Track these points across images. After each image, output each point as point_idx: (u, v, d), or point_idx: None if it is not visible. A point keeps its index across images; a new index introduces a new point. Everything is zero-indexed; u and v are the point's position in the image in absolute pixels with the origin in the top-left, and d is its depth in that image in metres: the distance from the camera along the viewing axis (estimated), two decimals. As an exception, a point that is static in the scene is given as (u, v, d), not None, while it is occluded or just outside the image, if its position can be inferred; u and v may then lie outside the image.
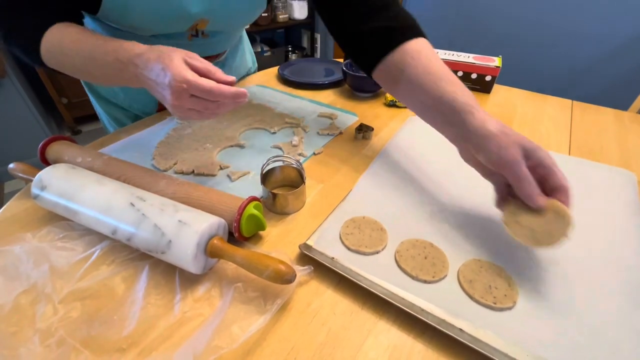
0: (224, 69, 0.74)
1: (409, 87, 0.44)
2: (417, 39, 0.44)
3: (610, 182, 0.47)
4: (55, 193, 0.38)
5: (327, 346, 0.29)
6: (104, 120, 0.74)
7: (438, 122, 0.43)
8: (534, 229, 0.33)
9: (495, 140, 0.35)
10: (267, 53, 2.38)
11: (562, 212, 0.32)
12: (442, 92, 0.40)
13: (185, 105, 0.37)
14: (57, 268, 0.35)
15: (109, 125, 0.73)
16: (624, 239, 0.39)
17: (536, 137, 0.60)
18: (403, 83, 0.44)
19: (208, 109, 0.38)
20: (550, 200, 0.33)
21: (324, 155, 0.54)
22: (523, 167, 0.33)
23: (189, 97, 0.36)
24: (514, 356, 0.27)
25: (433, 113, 0.43)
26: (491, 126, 0.36)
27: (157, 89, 0.37)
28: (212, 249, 0.33)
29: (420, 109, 0.44)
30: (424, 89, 0.42)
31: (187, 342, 0.28)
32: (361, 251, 0.36)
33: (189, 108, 0.37)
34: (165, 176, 0.42)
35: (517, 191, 0.34)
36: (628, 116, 0.67)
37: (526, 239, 0.33)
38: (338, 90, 0.77)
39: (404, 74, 0.43)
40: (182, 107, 0.37)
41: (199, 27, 0.56)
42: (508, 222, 0.35)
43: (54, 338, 0.29)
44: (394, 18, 0.45)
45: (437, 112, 0.41)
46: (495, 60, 0.74)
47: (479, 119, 0.37)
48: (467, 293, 0.32)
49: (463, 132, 0.38)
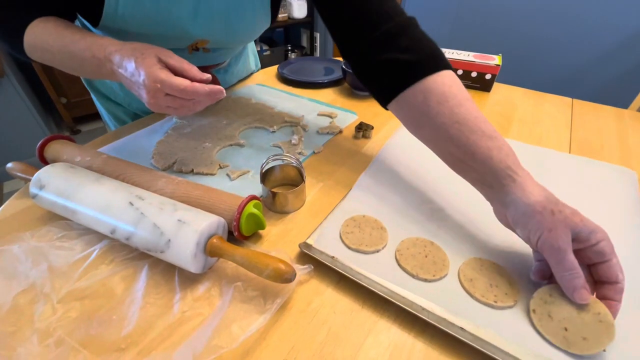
0: (226, 74, 0.73)
1: (434, 135, 0.38)
2: (442, 72, 0.38)
3: (611, 181, 0.47)
4: (53, 192, 0.37)
5: (327, 345, 0.29)
6: (105, 118, 0.74)
7: (471, 179, 0.37)
8: (566, 328, 0.28)
9: (537, 219, 0.30)
10: (267, 52, 2.37)
11: (606, 318, 0.27)
12: (474, 147, 0.34)
13: (161, 103, 0.37)
14: (56, 267, 0.34)
15: (110, 123, 0.73)
16: (624, 237, 0.39)
17: (536, 136, 0.59)
18: (427, 129, 0.39)
19: (184, 106, 0.38)
20: (595, 300, 0.29)
21: (324, 154, 0.54)
22: (568, 256, 0.28)
23: (164, 95, 0.36)
24: (515, 354, 0.27)
25: (465, 168, 0.36)
26: (534, 198, 0.31)
27: (133, 87, 0.38)
28: (212, 248, 0.33)
29: (451, 161, 0.38)
30: (453, 141, 0.35)
31: (186, 342, 0.28)
32: (361, 250, 0.36)
33: (165, 106, 0.37)
34: (164, 175, 0.42)
35: (558, 279, 0.29)
36: (628, 114, 0.67)
37: (555, 337, 0.28)
38: (338, 89, 0.77)
39: (429, 119, 0.37)
40: (158, 105, 0.37)
41: (199, 45, 0.55)
42: (537, 311, 0.30)
43: (53, 338, 0.29)
44: (412, 46, 0.39)
45: (469, 168, 0.36)
46: (495, 59, 0.74)
47: (519, 188, 0.32)
48: (468, 292, 0.32)
49: (500, 197, 0.34)
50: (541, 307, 0.30)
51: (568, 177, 0.48)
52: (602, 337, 0.26)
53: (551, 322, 0.29)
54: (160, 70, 0.35)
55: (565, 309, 0.29)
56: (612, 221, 0.41)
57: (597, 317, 0.28)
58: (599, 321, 0.27)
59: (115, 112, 0.70)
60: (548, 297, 0.30)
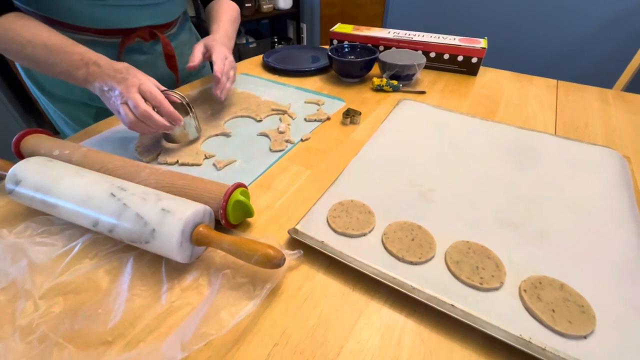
0: (177, 43, 0.70)
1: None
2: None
3: (595, 160, 0.48)
4: (30, 187, 0.36)
5: (319, 328, 0.29)
6: (59, 124, 0.69)
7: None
8: (554, 310, 0.29)
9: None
10: (253, 44, 2.33)
11: (588, 311, 0.29)
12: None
13: (134, 96, 0.44)
14: (37, 264, 0.33)
15: (66, 128, 0.69)
16: (609, 214, 0.39)
17: (523, 117, 0.60)
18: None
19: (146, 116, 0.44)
20: (579, 294, 0.30)
21: (312, 141, 0.54)
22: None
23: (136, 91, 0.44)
24: (506, 329, 0.27)
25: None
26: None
27: (114, 79, 0.45)
28: (198, 236, 0.32)
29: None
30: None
31: (175, 331, 0.27)
32: (348, 233, 0.36)
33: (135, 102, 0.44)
34: (147, 166, 0.40)
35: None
36: (612, 94, 0.68)
37: (543, 314, 0.29)
38: (324, 76, 0.76)
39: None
40: (129, 97, 0.44)
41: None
42: (528, 292, 0.30)
43: (36, 334, 0.28)
44: None
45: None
46: (481, 42, 0.74)
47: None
48: (454, 274, 0.32)
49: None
50: (531, 289, 0.31)
51: (555, 159, 0.48)
52: (585, 325, 0.28)
53: (540, 303, 0.30)
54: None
55: (553, 295, 0.30)
56: (597, 199, 0.41)
57: (581, 308, 0.29)
58: (582, 312, 0.29)
59: (74, 113, 0.66)
60: (538, 283, 0.31)
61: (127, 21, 0.57)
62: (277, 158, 0.50)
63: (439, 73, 0.77)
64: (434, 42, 0.75)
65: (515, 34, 1.72)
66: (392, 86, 0.68)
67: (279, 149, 0.51)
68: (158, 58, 0.65)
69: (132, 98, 0.43)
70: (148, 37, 0.62)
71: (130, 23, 0.58)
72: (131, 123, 0.44)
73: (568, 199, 0.41)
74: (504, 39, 1.75)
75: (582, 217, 0.39)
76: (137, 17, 0.58)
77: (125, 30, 0.59)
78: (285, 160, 0.49)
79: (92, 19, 0.54)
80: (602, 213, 0.39)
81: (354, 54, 0.76)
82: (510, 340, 0.27)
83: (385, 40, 0.79)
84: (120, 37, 0.59)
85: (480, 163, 0.47)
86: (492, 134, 0.53)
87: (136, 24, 0.59)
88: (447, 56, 0.75)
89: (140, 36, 0.60)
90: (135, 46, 0.62)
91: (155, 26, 0.62)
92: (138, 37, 0.60)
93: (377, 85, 0.68)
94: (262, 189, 0.44)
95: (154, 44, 0.64)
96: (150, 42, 0.64)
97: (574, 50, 1.63)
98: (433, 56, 0.76)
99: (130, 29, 0.59)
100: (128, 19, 0.57)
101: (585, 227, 0.37)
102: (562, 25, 1.60)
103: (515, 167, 0.46)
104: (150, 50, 0.64)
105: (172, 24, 0.67)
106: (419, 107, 0.61)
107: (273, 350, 0.27)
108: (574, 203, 0.41)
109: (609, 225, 0.38)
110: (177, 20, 0.69)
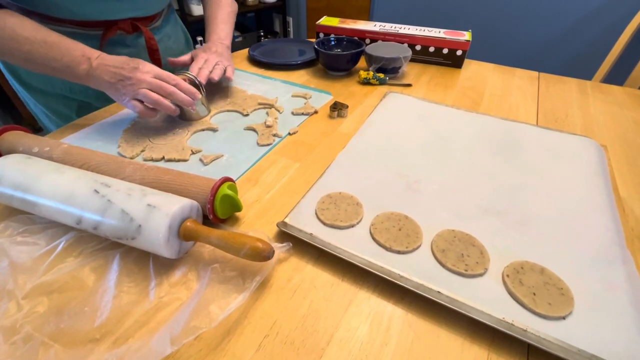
0: (161, 36, 0.69)
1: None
2: None
3: (574, 149, 0.49)
4: (9, 185, 0.35)
5: (309, 318, 0.29)
6: (41, 119, 0.67)
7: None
8: (535, 293, 0.30)
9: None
10: (239, 39, 2.30)
11: (567, 293, 0.30)
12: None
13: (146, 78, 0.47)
14: (18, 263, 0.32)
15: (49, 123, 0.67)
16: (587, 200, 0.41)
17: (506, 108, 0.61)
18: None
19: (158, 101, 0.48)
20: (559, 278, 0.31)
21: (300, 135, 0.54)
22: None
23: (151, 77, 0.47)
24: (490, 312, 0.28)
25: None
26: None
27: (123, 70, 0.47)
28: (186, 231, 0.32)
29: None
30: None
31: (164, 326, 0.27)
32: (336, 225, 0.36)
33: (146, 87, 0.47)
34: (132, 162, 0.40)
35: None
36: (590, 85, 0.70)
37: (525, 297, 0.30)
38: (311, 70, 0.76)
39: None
40: (142, 81, 0.46)
41: None
42: (510, 277, 0.31)
43: (20, 335, 0.27)
44: None
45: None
46: (466, 35, 0.75)
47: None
48: (440, 262, 0.33)
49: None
50: (514, 274, 0.32)
51: (536, 149, 0.49)
52: (564, 306, 0.29)
53: (522, 287, 0.31)
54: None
55: (534, 279, 0.31)
56: (577, 186, 0.43)
57: (560, 291, 0.30)
58: (561, 294, 0.30)
59: (55, 107, 0.64)
60: (520, 268, 0.32)
61: (107, 13, 0.56)
62: (264, 152, 0.49)
63: (424, 66, 0.78)
64: (419, 34, 0.75)
65: (499, 27, 1.75)
66: (379, 79, 0.68)
67: (267, 143, 0.51)
68: (141, 51, 0.64)
69: (150, 82, 0.46)
70: (130, 30, 0.60)
71: (111, 14, 0.56)
72: (153, 102, 0.47)
73: (549, 186, 0.43)
74: (488, 32, 1.77)
75: (562, 203, 0.40)
76: (117, 9, 0.56)
77: (106, 22, 0.57)
78: (273, 154, 0.49)
79: (71, 10, 0.53)
80: (581, 200, 0.41)
81: (341, 47, 0.76)
82: (494, 323, 0.28)
83: (372, 33, 0.79)
84: (102, 29, 0.57)
85: (465, 153, 0.48)
86: (477, 125, 0.54)
87: (117, 16, 0.57)
88: (433, 49, 0.76)
89: (122, 28, 0.59)
90: (117, 39, 0.60)
91: (137, 18, 0.60)
92: (120, 30, 0.59)
93: (364, 78, 0.68)
94: (250, 183, 0.44)
95: (137, 37, 0.63)
96: (134, 35, 0.62)
97: (555, 43, 1.67)
98: (419, 49, 0.77)
99: (112, 21, 0.57)
100: (108, 11, 0.56)
101: (564, 214, 0.39)
102: (544, 18, 1.64)
103: (498, 157, 0.48)
104: (134, 44, 0.63)
105: (155, 17, 0.66)
106: (405, 99, 0.62)
107: (264, 342, 0.28)
108: (555, 190, 0.42)
109: (587, 211, 0.39)
110: (161, 13, 0.68)
